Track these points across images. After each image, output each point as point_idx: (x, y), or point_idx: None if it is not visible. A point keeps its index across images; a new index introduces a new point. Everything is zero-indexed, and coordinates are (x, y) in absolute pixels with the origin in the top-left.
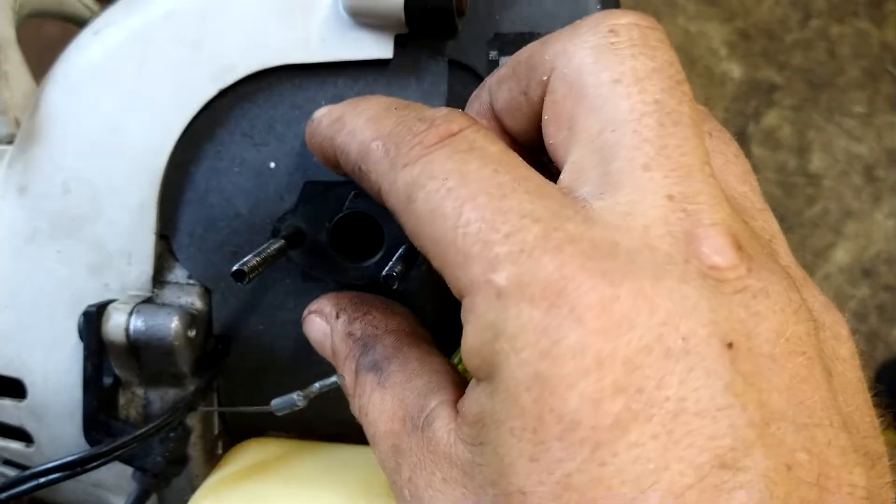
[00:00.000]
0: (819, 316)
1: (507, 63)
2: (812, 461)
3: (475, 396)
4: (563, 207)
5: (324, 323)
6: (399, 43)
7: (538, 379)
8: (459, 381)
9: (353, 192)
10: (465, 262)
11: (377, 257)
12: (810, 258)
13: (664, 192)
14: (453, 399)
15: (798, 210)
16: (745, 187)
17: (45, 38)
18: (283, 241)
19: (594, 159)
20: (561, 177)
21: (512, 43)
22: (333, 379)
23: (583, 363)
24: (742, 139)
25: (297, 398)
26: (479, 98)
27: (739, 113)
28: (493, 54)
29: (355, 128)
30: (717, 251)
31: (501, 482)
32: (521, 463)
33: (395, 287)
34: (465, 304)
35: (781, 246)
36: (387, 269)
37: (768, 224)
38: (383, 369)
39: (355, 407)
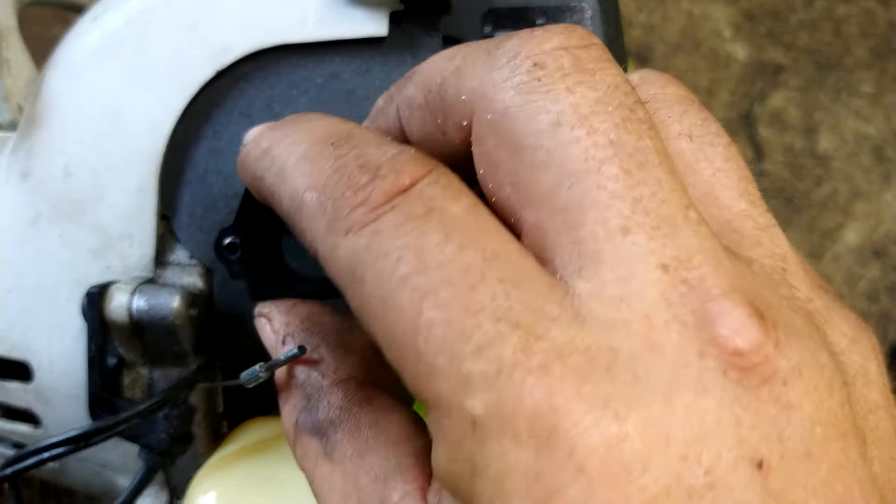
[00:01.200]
0: (848, 361)
1: (415, 81)
2: None
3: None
4: (545, 301)
5: (271, 335)
6: (394, 20)
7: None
8: (425, 457)
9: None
10: (428, 375)
11: None
12: (819, 239)
13: (655, 260)
14: (420, 486)
15: (806, 191)
16: (742, 202)
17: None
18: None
19: (556, 223)
20: (523, 243)
21: (506, 17)
22: (294, 350)
23: None
24: (748, 121)
25: (259, 370)
26: (386, 114)
27: (745, 95)
28: (487, 29)
29: (285, 168)
30: (737, 330)
31: None
32: None
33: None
34: (432, 417)
35: (797, 269)
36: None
37: (776, 244)
38: (329, 436)
39: (300, 466)
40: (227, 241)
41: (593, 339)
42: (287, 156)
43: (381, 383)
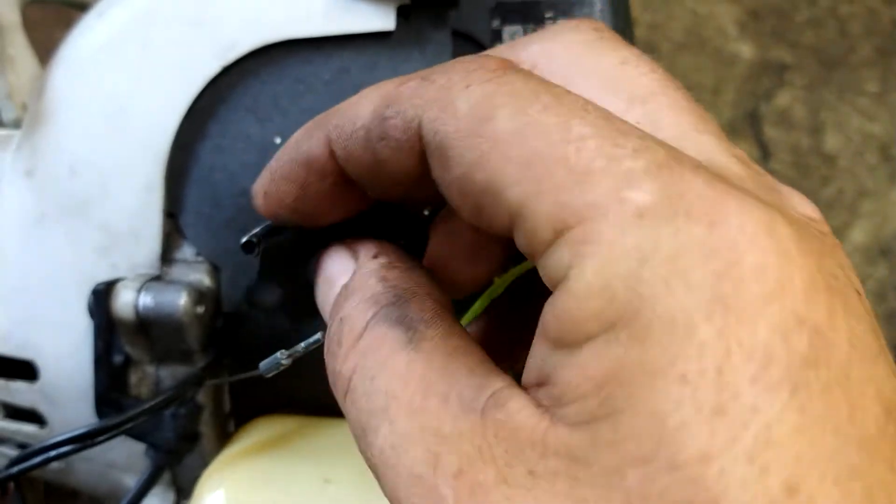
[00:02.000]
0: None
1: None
2: None
3: (594, 356)
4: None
5: (349, 259)
6: (402, 14)
7: (720, 304)
8: (514, 377)
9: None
10: (581, 182)
11: None
12: None
13: (729, 152)
14: (520, 387)
15: (813, 190)
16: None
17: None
18: None
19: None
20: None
21: (515, 11)
22: (318, 336)
23: (768, 285)
24: (754, 120)
25: (280, 356)
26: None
27: (751, 94)
28: (496, 23)
29: (360, 97)
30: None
31: (663, 453)
32: (698, 420)
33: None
34: (576, 236)
35: None
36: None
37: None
38: (416, 329)
39: (343, 363)
40: (244, 240)
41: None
42: (357, 97)
43: None
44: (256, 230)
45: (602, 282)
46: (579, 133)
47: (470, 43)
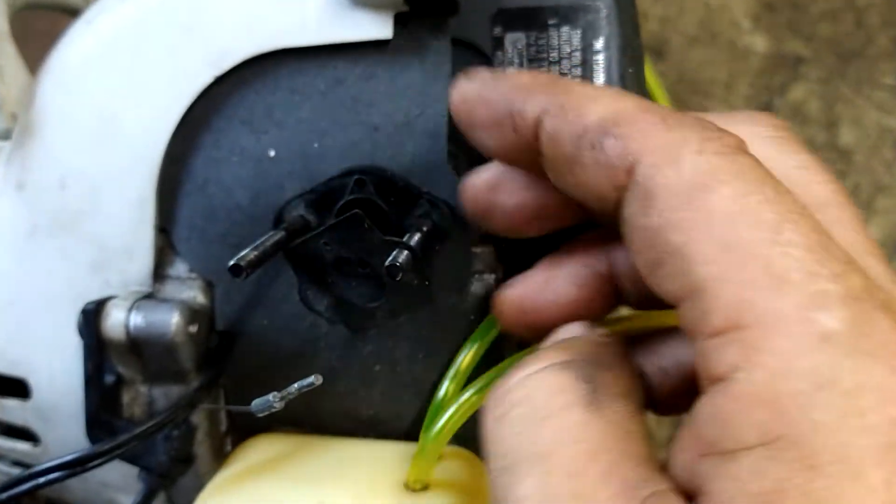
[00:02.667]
0: None
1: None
2: None
3: (755, 469)
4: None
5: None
6: (399, 22)
7: (892, 452)
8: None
9: (322, 244)
10: (774, 287)
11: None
12: None
13: (892, 278)
14: (678, 496)
15: None
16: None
17: (39, 31)
18: (283, 233)
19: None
20: None
21: (517, 18)
22: (311, 380)
23: None
24: None
25: (272, 399)
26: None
27: (765, 88)
28: (497, 31)
29: (599, 95)
30: None
31: None
32: None
33: (398, 279)
34: (752, 338)
35: None
36: (390, 258)
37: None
38: (602, 394)
39: (513, 388)
40: (231, 264)
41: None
42: (589, 92)
43: None
44: (245, 252)
45: (772, 394)
46: (789, 238)
47: (470, 51)
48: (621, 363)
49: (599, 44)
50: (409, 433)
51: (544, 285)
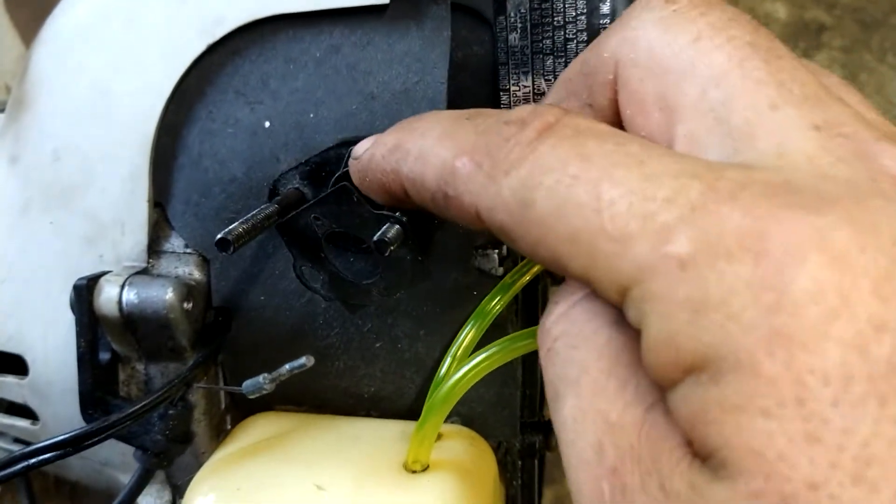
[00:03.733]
0: None
1: (555, 85)
2: None
3: (682, 399)
4: (709, 162)
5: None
6: None
7: (779, 338)
8: None
9: (312, 218)
10: (623, 247)
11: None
12: None
13: (807, 124)
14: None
15: None
16: (871, 112)
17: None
18: (275, 206)
19: (708, 123)
20: None
21: None
22: (303, 361)
23: (827, 304)
24: None
25: (263, 381)
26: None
27: None
28: None
29: (424, 151)
30: None
31: (772, 486)
32: (794, 450)
33: (387, 254)
34: (635, 296)
35: None
36: (379, 232)
37: None
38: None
39: (554, 324)
40: (219, 237)
41: (766, 176)
42: (423, 140)
43: None
44: (234, 225)
45: (666, 336)
46: (609, 198)
47: (471, 16)
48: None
49: (606, 7)
50: (412, 411)
51: None
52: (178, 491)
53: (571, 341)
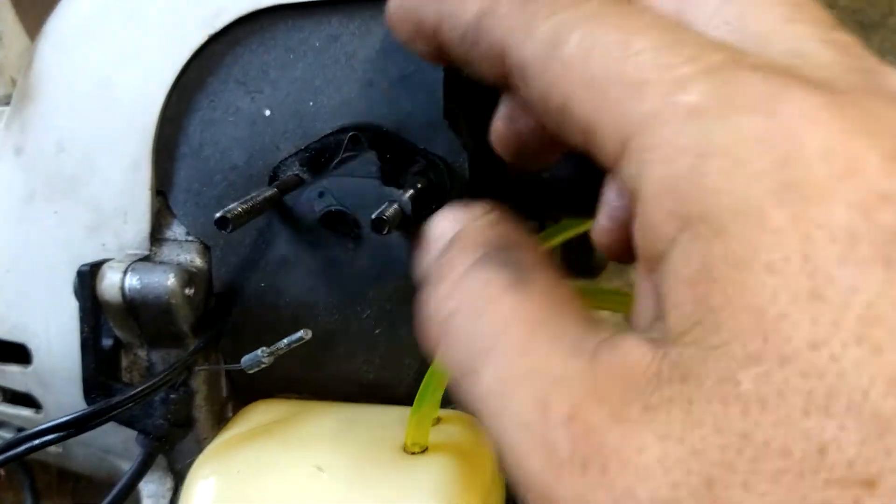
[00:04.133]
0: None
1: None
2: None
3: (682, 256)
4: (735, 48)
5: (462, 212)
6: None
7: (788, 189)
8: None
9: (317, 193)
10: (636, 93)
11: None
12: None
13: (822, 38)
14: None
15: None
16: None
17: None
18: (275, 189)
19: (722, 34)
20: None
21: None
22: (300, 334)
23: (837, 165)
24: None
25: (261, 355)
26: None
27: None
28: None
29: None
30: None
31: (770, 347)
32: (797, 308)
33: (385, 233)
34: (637, 144)
35: None
36: (378, 211)
37: None
38: (524, 271)
39: (442, 303)
40: (218, 215)
41: (786, 64)
42: None
43: None
44: (233, 205)
45: (668, 183)
46: (637, 48)
47: None
48: (526, 236)
49: None
50: (410, 398)
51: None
52: (180, 478)
53: (473, 312)
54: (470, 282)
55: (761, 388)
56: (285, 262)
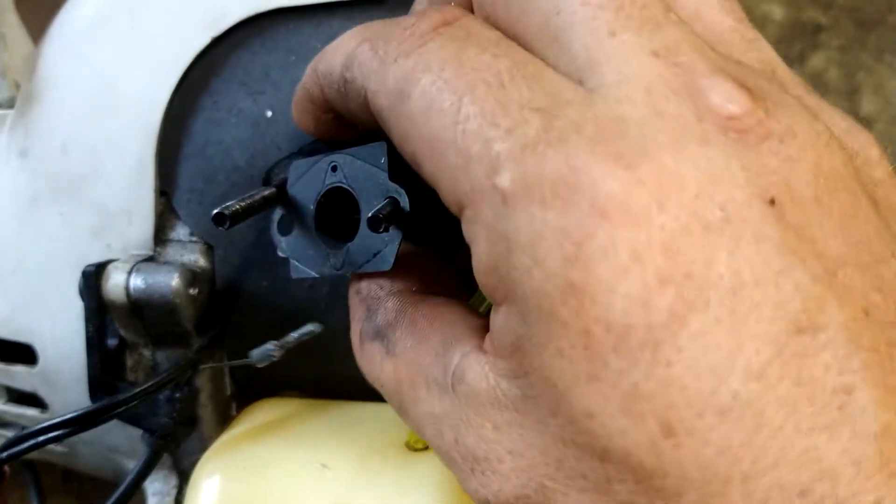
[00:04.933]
0: (847, 140)
1: None
2: (886, 299)
3: (503, 323)
4: (561, 90)
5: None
6: None
7: (572, 289)
8: (481, 324)
9: (330, 165)
10: (465, 165)
11: (355, 239)
12: None
13: (646, 50)
14: (479, 344)
15: None
16: (728, 18)
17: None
18: (273, 189)
19: (553, 51)
20: None
21: None
22: (310, 328)
23: (618, 261)
24: None
25: (272, 348)
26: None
27: (783, 57)
28: None
29: (337, 45)
30: (728, 99)
31: (562, 410)
32: (579, 385)
33: (381, 230)
34: (468, 216)
35: (786, 75)
36: (376, 208)
37: (765, 54)
38: (388, 337)
39: (366, 375)
40: (215, 212)
41: (603, 112)
42: (339, 40)
43: (435, 292)
44: (231, 203)
45: (490, 262)
46: (466, 113)
47: None
48: (382, 281)
49: None
50: None
51: None
52: (185, 476)
53: (374, 380)
54: (364, 358)
55: (560, 433)
56: (286, 261)
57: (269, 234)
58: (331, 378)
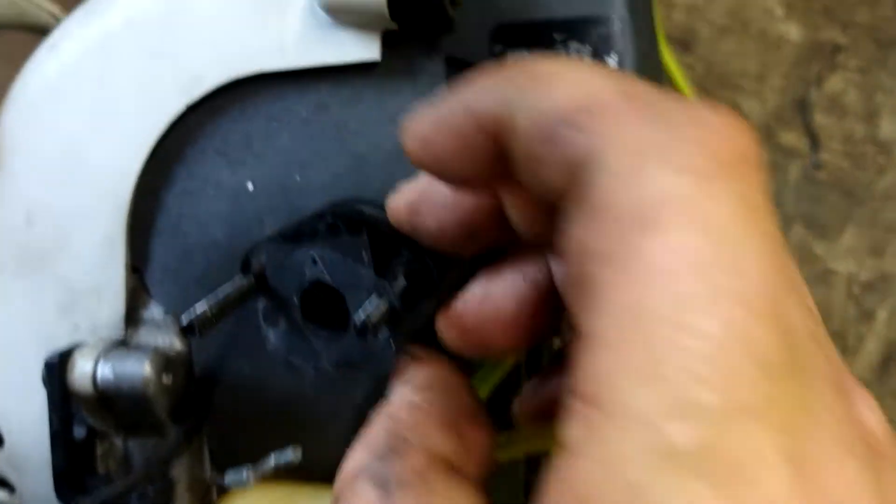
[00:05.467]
0: None
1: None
2: None
3: None
4: None
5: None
6: (388, 42)
7: None
8: None
9: (310, 257)
10: (641, 381)
11: (346, 336)
12: (882, 234)
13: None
14: None
15: (868, 182)
16: None
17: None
18: (251, 280)
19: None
20: None
21: (519, 34)
22: (289, 456)
23: None
24: (804, 107)
25: (245, 477)
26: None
27: (800, 79)
28: (497, 48)
29: (567, 72)
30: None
31: None
32: None
33: (376, 336)
34: (598, 424)
35: None
36: (363, 311)
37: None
38: (392, 493)
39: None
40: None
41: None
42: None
43: (468, 474)
44: (198, 305)
45: (589, 492)
46: (700, 328)
47: (469, 71)
48: (425, 426)
49: (612, 61)
50: None
51: (483, 301)
52: None
53: None
54: (350, 495)
55: None
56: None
57: (251, 314)
58: (315, 465)
